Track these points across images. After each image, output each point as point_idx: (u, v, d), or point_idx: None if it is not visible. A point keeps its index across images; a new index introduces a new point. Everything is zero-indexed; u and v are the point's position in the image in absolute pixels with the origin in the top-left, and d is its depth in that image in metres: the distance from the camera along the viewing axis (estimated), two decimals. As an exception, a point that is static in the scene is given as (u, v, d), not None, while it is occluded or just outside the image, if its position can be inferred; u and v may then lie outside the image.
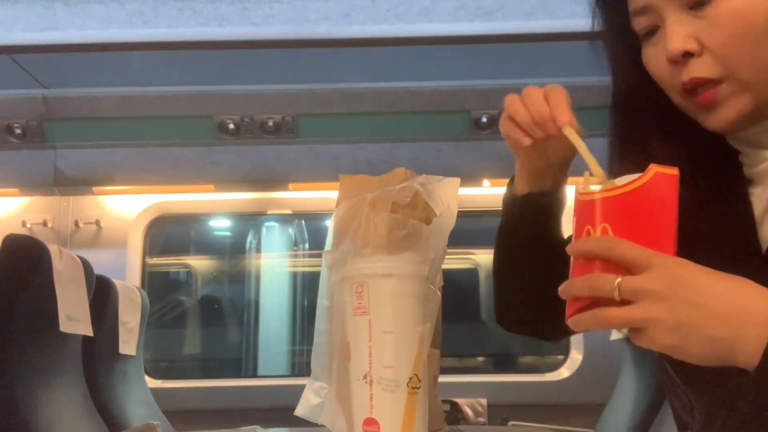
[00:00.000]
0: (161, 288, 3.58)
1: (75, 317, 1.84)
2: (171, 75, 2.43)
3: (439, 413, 1.08)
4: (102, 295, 2.17)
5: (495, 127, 2.54)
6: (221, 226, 3.68)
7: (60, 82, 2.49)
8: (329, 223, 1.00)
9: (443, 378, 1.07)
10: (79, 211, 2.93)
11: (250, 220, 3.45)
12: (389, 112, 2.54)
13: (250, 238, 3.46)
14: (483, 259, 3.49)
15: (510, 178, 0.93)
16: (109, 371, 2.26)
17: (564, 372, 2.85)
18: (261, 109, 2.54)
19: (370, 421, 0.84)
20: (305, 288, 3.39)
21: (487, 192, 2.87)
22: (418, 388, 0.86)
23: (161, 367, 3.38)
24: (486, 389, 2.81)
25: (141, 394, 2.50)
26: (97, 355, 2.17)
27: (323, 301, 1.00)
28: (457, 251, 3.46)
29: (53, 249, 1.79)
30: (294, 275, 3.47)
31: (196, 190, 2.91)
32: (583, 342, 2.82)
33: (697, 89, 0.72)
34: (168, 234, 3.38)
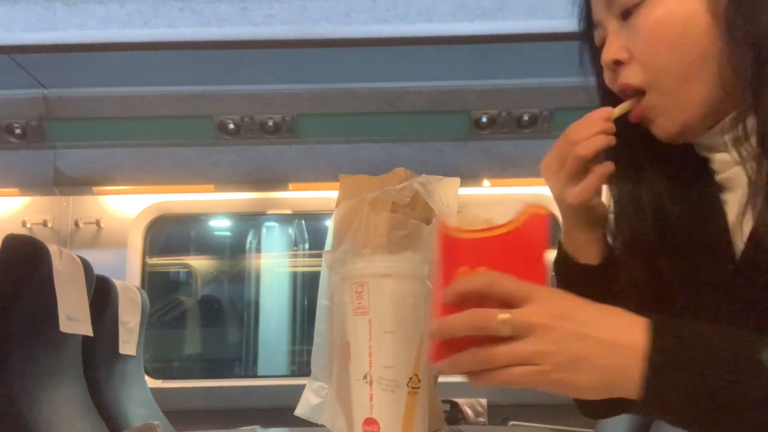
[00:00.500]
0: (161, 288, 3.58)
1: (75, 317, 1.84)
2: (171, 75, 2.43)
3: (439, 413, 1.08)
4: (102, 295, 2.16)
5: (495, 127, 2.54)
6: (221, 226, 3.68)
7: (60, 82, 2.49)
8: (329, 223, 1.00)
9: (443, 378, 1.07)
10: (79, 211, 2.93)
11: (250, 220, 3.45)
12: (389, 112, 2.54)
13: (250, 238, 3.46)
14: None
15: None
16: (109, 371, 2.26)
17: None
18: (261, 109, 2.54)
19: (370, 421, 0.84)
20: (305, 288, 3.39)
21: (487, 192, 2.87)
22: (418, 388, 0.86)
23: (161, 367, 3.38)
24: (486, 389, 2.80)
25: (141, 394, 2.50)
26: (97, 355, 2.17)
27: (323, 301, 1.00)
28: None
29: (53, 249, 1.79)
30: (294, 275, 3.47)
31: (196, 190, 2.91)
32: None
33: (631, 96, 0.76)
34: (168, 234, 3.38)
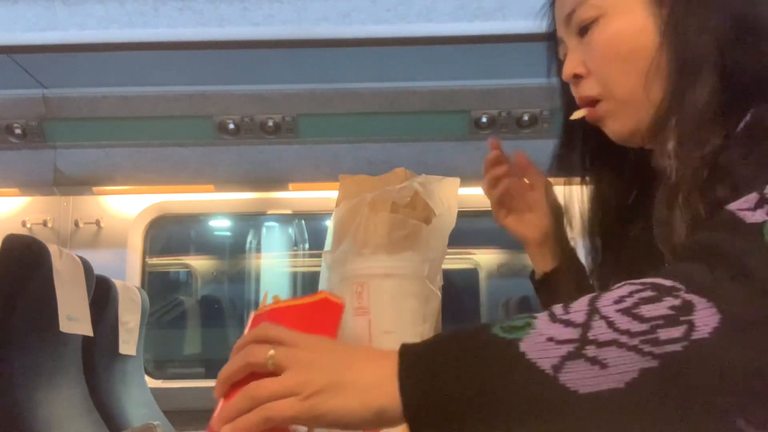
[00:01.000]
0: (161, 288, 3.58)
1: (75, 317, 1.84)
2: (171, 75, 2.43)
3: (439, 413, 1.08)
4: (102, 295, 2.16)
5: (495, 127, 2.54)
6: (221, 226, 3.68)
7: (60, 82, 2.48)
8: (329, 223, 1.00)
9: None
10: (79, 211, 2.93)
11: (250, 220, 3.45)
12: (389, 112, 2.54)
13: (250, 238, 3.46)
14: (483, 259, 3.49)
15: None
16: (109, 371, 2.26)
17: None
18: (261, 109, 2.54)
19: (370, 421, 0.84)
20: (305, 288, 3.39)
21: (487, 192, 2.86)
22: (418, 388, 0.86)
23: (161, 367, 3.38)
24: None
25: (141, 394, 2.50)
26: (97, 355, 2.17)
27: (323, 301, 1.00)
28: (457, 251, 3.46)
29: (53, 249, 1.79)
30: (294, 275, 3.47)
31: (196, 190, 2.91)
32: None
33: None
34: (168, 234, 3.38)
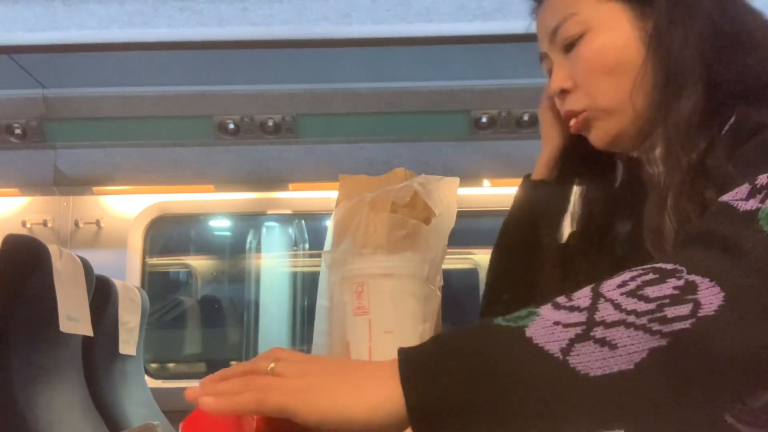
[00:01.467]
0: (161, 288, 3.58)
1: (75, 317, 1.84)
2: (171, 75, 2.43)
3: (439, 413, 1.08)
4: (102, 295, 2.17)
5: (495, 127, 2.53)
6: (221, 226, 3.68)
7: (60, 82, 2.48)
8: (329, 223, 1.00)
9: (443, 378, 1.07)
10: (79, 211, 2.93)
11: (250, 220, 3.44)
12: (389, 112, 2.54)
13: (250, 238, 3.45)
14: (483, 259, 3.49)
15: (523, 177, 1.01)
16: (109, 371, 2.26)
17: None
18: (261, 109, 2.54)
19: (370, 421, 0.84)
20: (305, 288, 3.39)
21: (487, 192, 2.87)
22: (417, 388, 0.86)
23: (161, 367, 3.38)
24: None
25: (141, 394, 2.51)
26: (97, 355, 2.17)
27: (323, 302, 1.00)
28: (457, 251, 3.46)
29: (53, 249, 1.79)
30: (294, 275, 3.46)
31: (196, 190, 2.91)
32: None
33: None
34: (168, 234, 3.38)
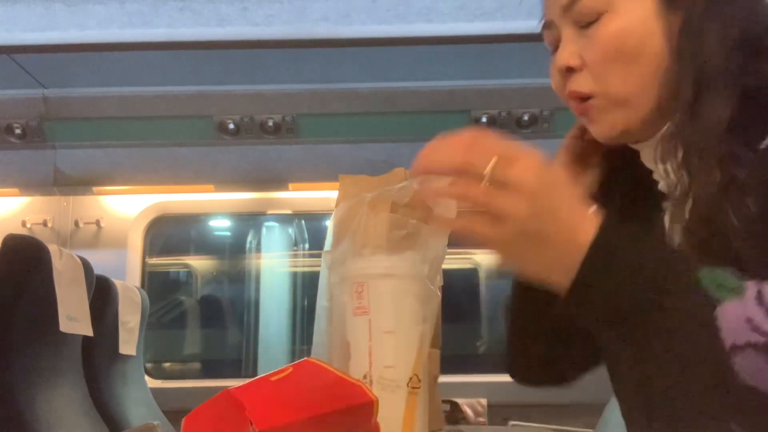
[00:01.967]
0: (161, 288, 3.58)
1: (75, 317, 1.84)
2: (171, 75, 2.43)
3: (439, 413, 1.08)
4: (102, 295, 2.17)
5: (495, 127, 2.54)
6: (221, 226, 3.68)
7: (60, 82, 2.49)
8: (329, 223, 1.00)
9: (443, 378, 1.07)
10: (79, 211, 2.93)
11: (250, 220, 3.44)
12: (389, 112, 2.54)
13: (250, 238, 3.45)
14: (483, 259, 3.49)
15: None
16: (109, 371, 2.26)
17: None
18: (261, 109, 2.54)
19: (369, 421, 0.84)
20: (305, 288, 3.39)
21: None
22: (418, 388, 0.86)
23: (161, 367, 3.38)
24: (486, 389, 2.81)
25: (141, 394, 2.51)
26: (97, 355, 2.17)
27: (323, 302, 1.00)
28: (457, 251, 3.46)
29: (53, 249, 1.79)
30: (294, 275, 3.46)
31: (196, 190, 2.91)
32: (583, 342, 2.82)
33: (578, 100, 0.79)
34: (168, 234, 3.38)
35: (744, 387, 0.51)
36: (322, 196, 2.93)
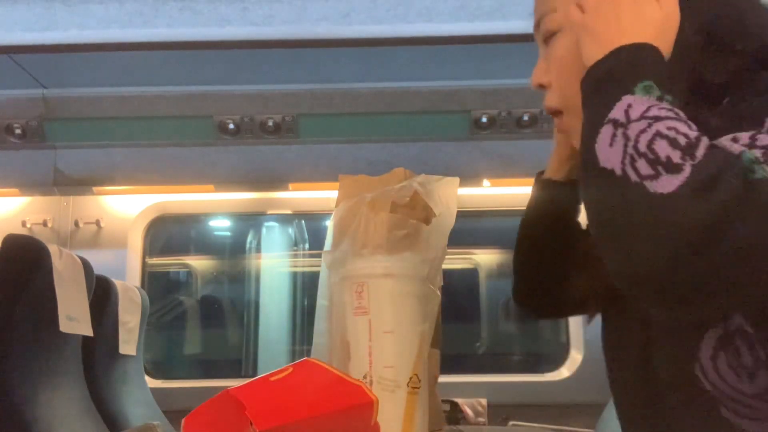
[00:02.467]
0: (161, 288, 3.58)
1: (75, 317, 1.84)
2: (171, 75, 2.43)
3: (439, 413, 1.08)
4: (102, 295, 2.17)
5: (495, 127, 2.54)
6: (221, 226, 3.68)
7: (60, 82, 2.48)
8: (329, 223, 1.00)
9: (443, 378, 1.07)
10: (79, 211, 2.93)
11: (250, 220, 3.44)
12: (389, 112, 2.54)
13: (250, 238, 3.45)
14: (483, 259, 3.49)
15: (537, 174, 1.00)
16: (109, 371, 2.26)
17: (564, 372, 2.85)
18: (261, 109, 2.54)
19: (369, 421, 0.84)
20: (305, 288, 3.39)
21: (487, 192, 2.87)
22: (418, 387, 0.86)
23: (161, 367, 3.38)
24: (486, 389, 2.81)
25: (141, 394, 2.50)
26: (97, 355, 2.17)
27: (323, 302, 1.00)
28: (457, 251, 3.46)
29: (53, 249, 1.79)
30: (294, 275, 3.46)
31: (196, 190, 2.91)
32: (583, 342, 2.82)
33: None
34: (168, 234, 3.38)
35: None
36: (322, 196, 2.93)
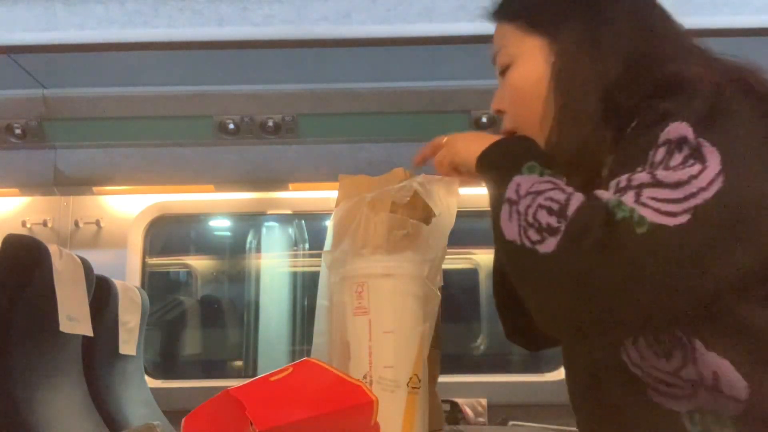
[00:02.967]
0: (161, 288, 3.58)
1: (75, 317, 1.84)
2: (171, 75, 2.43)
3: (439, 413, 1.08)
4: (102, 295, 2.16)
5: (495, 128, 2.54)
6: (221, 226, 3.68)
7: (60, 82, 2.48)
8: (329, 223, 1.00)
9: (443, 378, 1.07)
10: (79, 211, 2.93)
11: (250, 220, 3.44)
12: (389, 112, 2.54)
13: (250, 238, 3.45)
14: (483, 259, 3.49)
15: None
16: (109, 371, 2.26)
17: (564, 372, 2.85)
18: (261, 109, 2.54)
19: (369, 421, 0.84)
20: (305, 288, 3.39)
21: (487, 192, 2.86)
22: (418, 388, 0.86)
23: (161, 367, 3.38)
24: (486, 389, 2.81)
25: (141, 394, 2.50)
26: (97, 355, 2.17)
27: (323, 302, 1.00)
28: (457, 251, 3.46)
29: (53, 249, 1.79)
30: (294, 275, 3.46)
31: (196, 190, 2.91)
32: (583, 342, 2.82)
33: None
34: (168, 234, 3.38)
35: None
36: (322, 196, 2.93)
